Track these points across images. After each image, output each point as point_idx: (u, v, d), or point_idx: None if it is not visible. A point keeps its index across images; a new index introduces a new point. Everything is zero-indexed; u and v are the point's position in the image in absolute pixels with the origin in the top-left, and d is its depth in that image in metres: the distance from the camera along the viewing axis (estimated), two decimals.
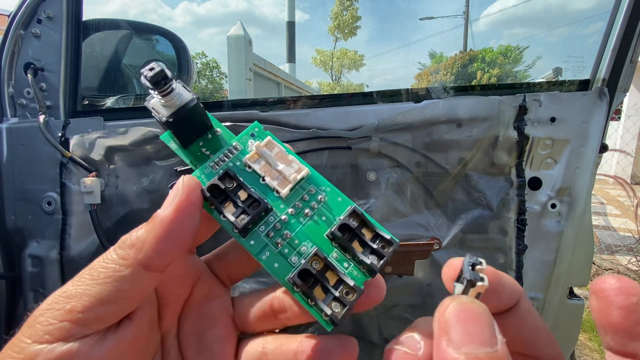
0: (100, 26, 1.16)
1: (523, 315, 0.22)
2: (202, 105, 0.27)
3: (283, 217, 0.26)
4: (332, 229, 0.26)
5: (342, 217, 0.26)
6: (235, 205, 0.25)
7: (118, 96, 1.15)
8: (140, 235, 0.22)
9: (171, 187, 0.29)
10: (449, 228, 0.75)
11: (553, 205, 0.72)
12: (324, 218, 0.27)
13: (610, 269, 3.03)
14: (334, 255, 0.26)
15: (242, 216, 0.25)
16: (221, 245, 0.30)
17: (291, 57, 8.04)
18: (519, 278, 0.75)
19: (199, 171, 0.27)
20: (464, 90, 0.77)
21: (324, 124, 0.74)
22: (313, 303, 0.24)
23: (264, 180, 0.27)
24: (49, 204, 0.82)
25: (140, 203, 0.79)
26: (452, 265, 0.23)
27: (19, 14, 0.81)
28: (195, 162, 0.27)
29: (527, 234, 0.74)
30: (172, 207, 0.22)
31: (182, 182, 0.23)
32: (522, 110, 0.70)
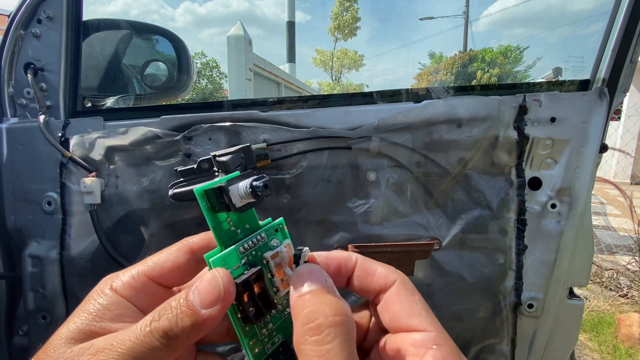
0: (100, 26, 1.16)
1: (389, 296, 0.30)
2: None
3: (273, 311, 0.31)
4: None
5: None
6: (250, 296, 0.29)
7: (118, 96, 1.15)
8: (185, 330, 0.25)
9: (171, 187, 0.30)
10: (449, 228, 0.75)
11: (553, 205, 0.72)
12: None
13: (611, 269, 3.03)
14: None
15: (252, 308, 0.29)
16: None
17: (291, 57, 8.04)
18: (518, 278, 0.75)
19: (229, 253, 0.30)
20: (464, 90, 0.77)
21: (324, 124, 0.74)
22: None
23: (272, 276, 0.31)
24: (49, 204, 0.82)
25: (140, 203, 0.79)
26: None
27: (19, 14, 0.81)
28: (217, 228, 0.30)
29: (527, 234, 0.74)
30: (218, 310, 0.26)
31: (224, 285, 0.26)
32: (522, 110, 0.70)
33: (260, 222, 0.33)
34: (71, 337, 0.26)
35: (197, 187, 0.29)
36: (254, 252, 0.31)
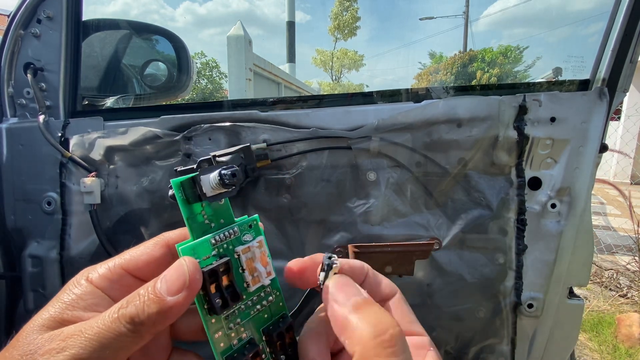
0: (100, 26, 1.16)
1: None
2: None
3: (242, 306, 0.31)
4: (266, 331, 0.32)
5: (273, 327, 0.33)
6: (218, 287, 0.30)
7: (118, 96, 1.15)
8: (151, 317, 0.25)
9: (171, 188, 0.30)
10: (449, 228, 0.75)
11: (553, 205, 0.72)
12: (266, 315, 0.33)
13: (611, 269, 3.03)
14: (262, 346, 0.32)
15: (219, 300, 0.29)
16: None
17: (291, 57, 8.04)
18: (518, 278, 0.75)
19: (200, 242, 0.30)
20: (464, 90, 0.77)
21: (324, 124, 0.74)
22: None
23: (243, 270, 0.32)
24: (49, 204, 0.82)
25: (140, 203, 0.79)
26: (315, 262, 0.33)
27: (19, 14, 0.81)
28: (190, 219, 0.31)
29: (527, 234, 0.73)
30: (183, 297, 0.26)
31: (190, 272, 0.27)
32: (522, 110, 0.70)
33: (237, 219, 0.33)
34: (43, 324, 0.26)
35: (174, 179, 0.30)
36: (225, 245, 0.31)
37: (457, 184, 0.74)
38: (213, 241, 0.30)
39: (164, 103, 1.43)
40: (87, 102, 0.97)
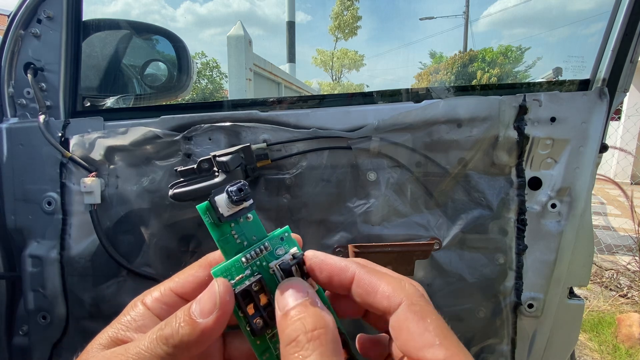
0: (100, 26, 1.16)
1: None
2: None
3: None
4: None
5: None
6: (256, 307, 0.28)
7: (118, 96, 1.15)
8: (184, 338, 0.26)
9: (171, 187, 0.30)
10: (449, 228, 0.75)
11: (553, 205, 0.72)
12: None
13: (611, 269, 3.03)
14: None
15: (259, 320, 0.28)
16: None
17: (291, 57, 8.04)
18: (519, 278, 0.75)
19: (231, 263, 0.29)
20: (464, 90, 0.77)
21: (324, 124, 0.74)
22: None
23: None
24: (49, 204, 0.82)
25: (140, 203, 0.79)
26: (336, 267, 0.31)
27: (19, 14, 0.81)
28: (221, 241, 0.30)
29: (527, 234, 0.73)
30: (213, 319, 0.26)
31: (220, 294, 0.27)
32: (522, 110, 0.70)
33: (269, 233, 0.32)
34: (101, 343, 0.29)
35: (198, 205, 0.30)
36: (258, 262, 0.30)
37: (457, 184, 0.74)
38: (244, 260, 0.29)
39: (164, 103, 1.43)
40: (87, 102, 0.97)
